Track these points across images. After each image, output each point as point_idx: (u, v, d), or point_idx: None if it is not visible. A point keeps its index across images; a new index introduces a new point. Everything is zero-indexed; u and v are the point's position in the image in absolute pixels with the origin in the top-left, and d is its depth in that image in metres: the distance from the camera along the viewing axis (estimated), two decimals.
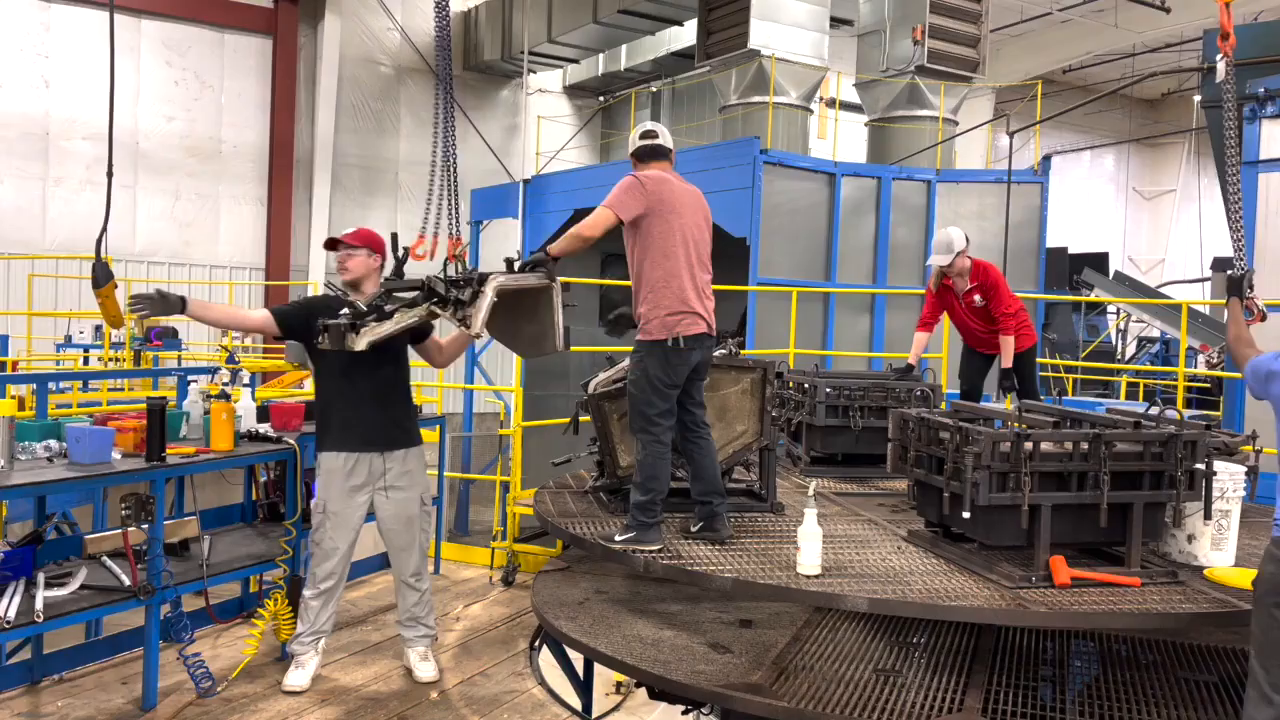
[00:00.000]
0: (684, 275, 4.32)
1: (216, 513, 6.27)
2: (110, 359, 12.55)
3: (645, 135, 4.54)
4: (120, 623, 5.56)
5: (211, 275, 17.36)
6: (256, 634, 5.28)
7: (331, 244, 5.17)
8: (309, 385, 11.79)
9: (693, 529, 4.45)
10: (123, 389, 11.40)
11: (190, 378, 6.69)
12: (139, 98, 16.76)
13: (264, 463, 6.03)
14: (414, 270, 4.89)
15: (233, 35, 17.54)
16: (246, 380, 6.07)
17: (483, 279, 4.31)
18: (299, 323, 4.95)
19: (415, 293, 4.48)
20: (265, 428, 5.68)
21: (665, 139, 4.56)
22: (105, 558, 4.93)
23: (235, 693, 5.03)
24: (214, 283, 17.16)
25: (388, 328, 4.55)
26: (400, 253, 4.84)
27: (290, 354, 8.91)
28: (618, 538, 4.27)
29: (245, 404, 5.68)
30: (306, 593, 5.12)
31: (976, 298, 6.61)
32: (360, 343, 4.44)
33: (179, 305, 4.61)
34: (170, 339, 13.26)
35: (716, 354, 4.88)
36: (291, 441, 5.52)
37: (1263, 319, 5.05)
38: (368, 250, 5.09)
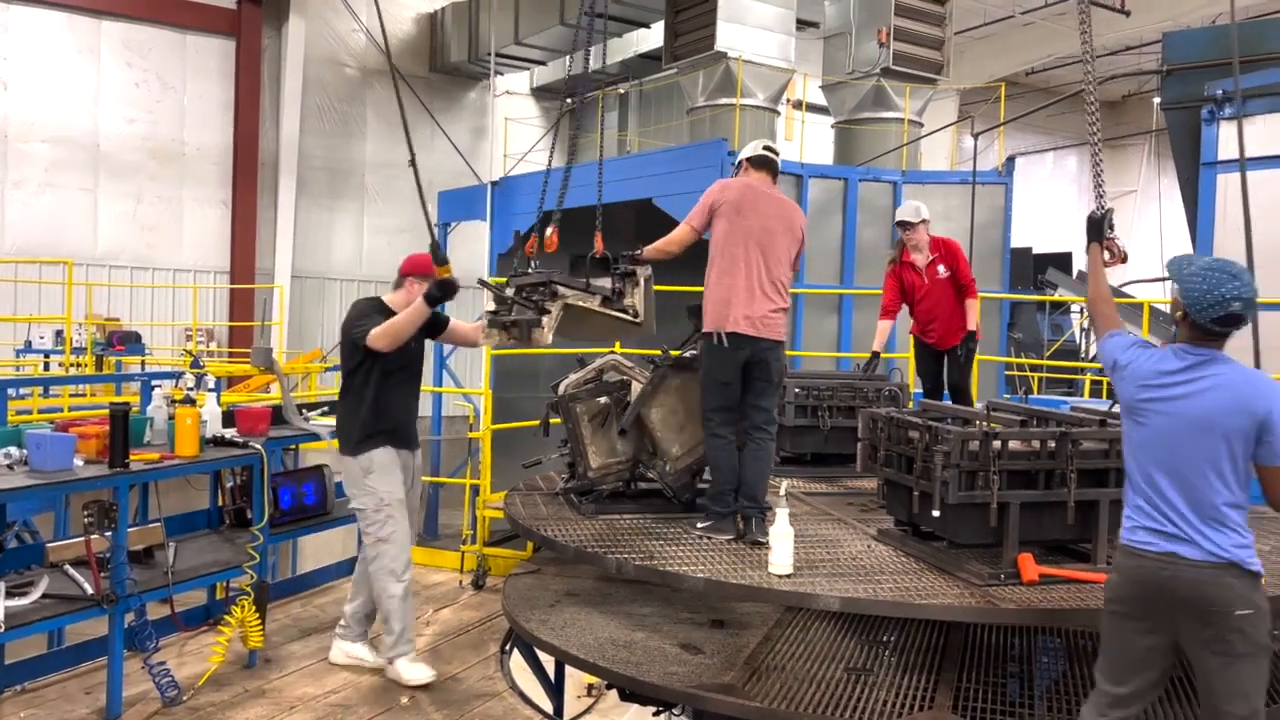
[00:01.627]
0: (739, 276, 4.42)
1: (182, 519, 6.18)
2: (72, 364, 12.36)
3: (770, 149, 4.76)
4: (83, 632, 5.47)
5: (175, 279, 17.14)
6: (223, 641, 5.21)
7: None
8: (274, 390, 11.69)
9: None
10: (85, 394, 11.24)
11: (154, 383, 6.61)
12: (99, 99, 16.53)
13: (230, 468, 5.96)
14: None
15: (195, 36, 17.35)
16: (212, 385, 6.00)
17: (632, 273, 4.78)
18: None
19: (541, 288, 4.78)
20: (231, 433, 5.61)
21: (776, 154, 4.75)
22: (68, 566, 4.84)
23: (202, 701, 4.97)
24: (177, 286, 16.95)
25: (557, 319, 4.80)
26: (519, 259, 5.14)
27: (256, 358, 8.82)
28: (699, 525, 4.47)
29: (211, 409, 5.61)
30: (395, 590, 5.03)
31: (941, 268, 6.59)
32: (549, 335, 4.74)
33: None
34: (133, 343, 13.09)
35: (687, 354, 4.89)
36: (258, 446, 5.46)
37: (1124, 260, 4.96)
38: None
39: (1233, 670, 2.99)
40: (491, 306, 4.83)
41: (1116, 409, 4.42)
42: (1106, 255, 3.96)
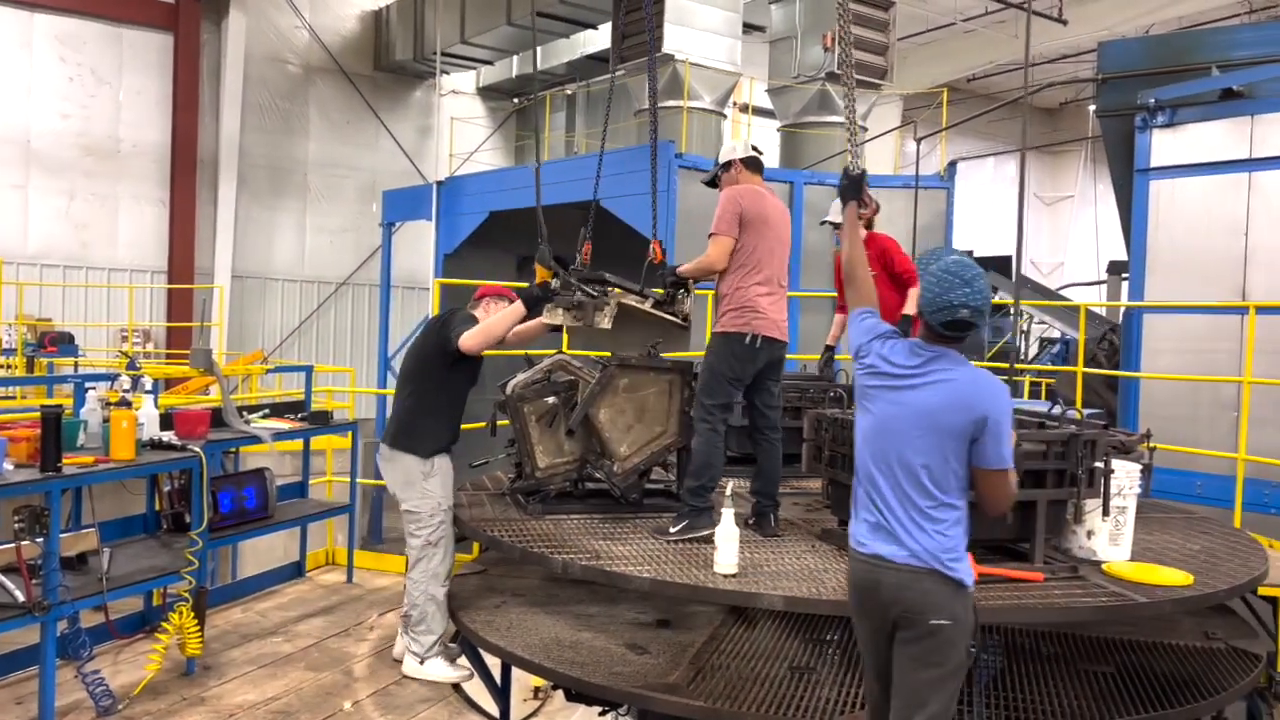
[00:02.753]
0: (764, 283, 4.54)
1: (117, 524, 6.04)
2: (1, 365, 12.03)
3: (755, 148, 4.87)
4: (14, 640, 5.31)
5: (110, 278, 16.74)
6: (160, 649, 5.11)
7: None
8: (214, 392, 11.47)
9: (747, 522, 4.56)
10: (15, 397, 10.93)
11: (88, 385, 6.45)
12: (31, 94, 16.09)
13: (168, 472, 5.84)
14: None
15: (131, 30, 16.96)
16: (149, 387, 5.88)
17: (684, 282, 4.99)
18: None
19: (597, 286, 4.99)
20: (169, 436, 5.51)
21: (747, 150, 4.85)
22: None
23: (138, 710, 4.87)
24: (113, 286, 16.57)
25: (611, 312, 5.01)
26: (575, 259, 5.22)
27: (195, 360, 8.66)
28: (671, 529, 4.42)
29: (148, 411, 5.50)
30: (439, 594, 4.90)
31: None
32: (606, 320, 4.94)
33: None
34: (66, 345, 12.77)
35: (634, 356, 4.91)
36: (197, 449, 5.36)
37: (876, 211, 5.01)
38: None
39: (919, 678, 2.94)
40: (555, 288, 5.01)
41: (1056, 410, 4.52)
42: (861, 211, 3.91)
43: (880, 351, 3.17)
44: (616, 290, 5.01)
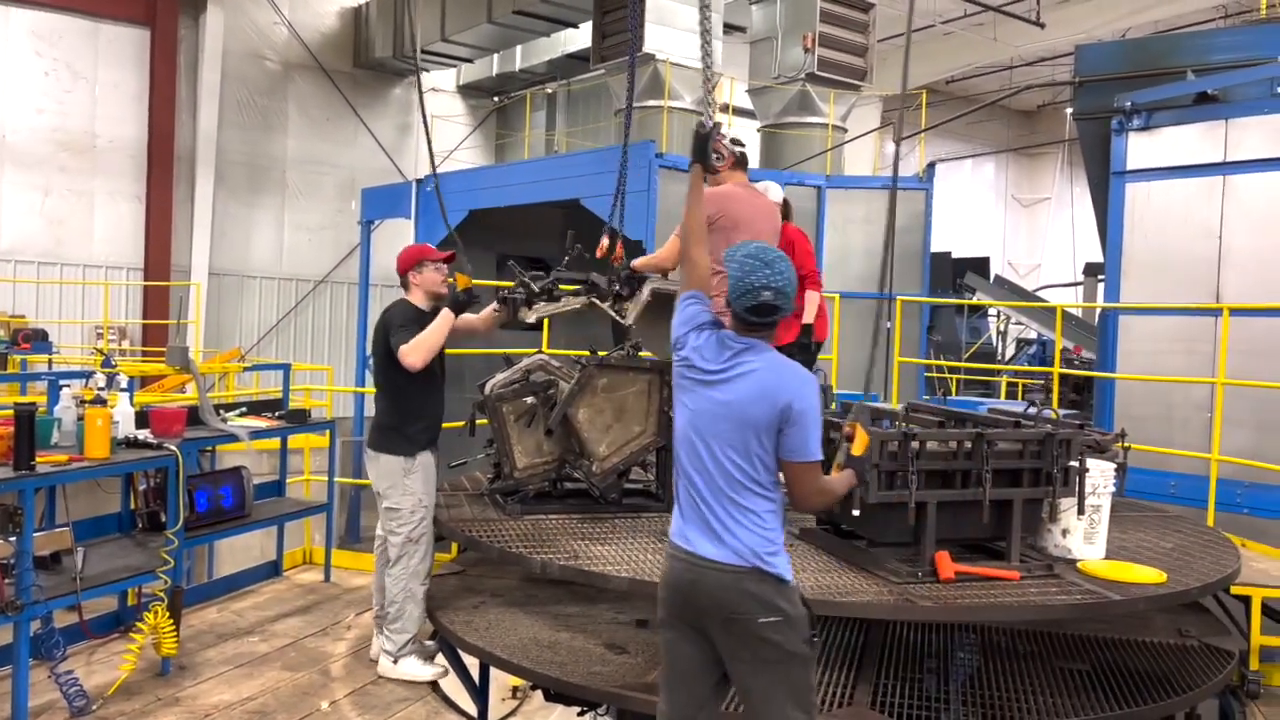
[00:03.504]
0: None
1: (91, 523, 5.99)
2: None
3: (738, 143, 4.87)
4: None
5: (85, 275, 16.58)
6: (135, 649, 5.07)
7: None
8: (190, 390, 11.38)
9: None
10: None
11: (62, 382, 6.39)
12: (5, 89, 15.91)
13: (143, 470, 5.79)
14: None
15: (108, 25, 16.80)
16: (124, 385, 5.82)
17: (640, 280, 4.98)
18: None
19: (579, 285, 5.07)
20: (145, 434, 5.46)
21: (744, 147, 4.88)
22: None
23: (112, 710, 4.82)
24: (88, 283, 16.41)
25: (553, 308, 5.06)
26: (574, 251, 5.22)
27: (171, 357, 8.59)
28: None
29: (123, 409, 5.45)
30: (419, 592, 4.97)
31: None
32: (531, 316, 5.02)
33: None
34: (39, 341, 12.64)
35: (614, 355, 4.91)
36: (173, 448, 5.32)
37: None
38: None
39: (765, 680, 2.88)
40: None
41: (1032, 410, 4.56)
42: (716, 159, 3.70)
43: (695, 344, 3.10)
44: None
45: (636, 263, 4.94)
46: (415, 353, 4.86)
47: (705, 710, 3.04)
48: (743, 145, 4.87)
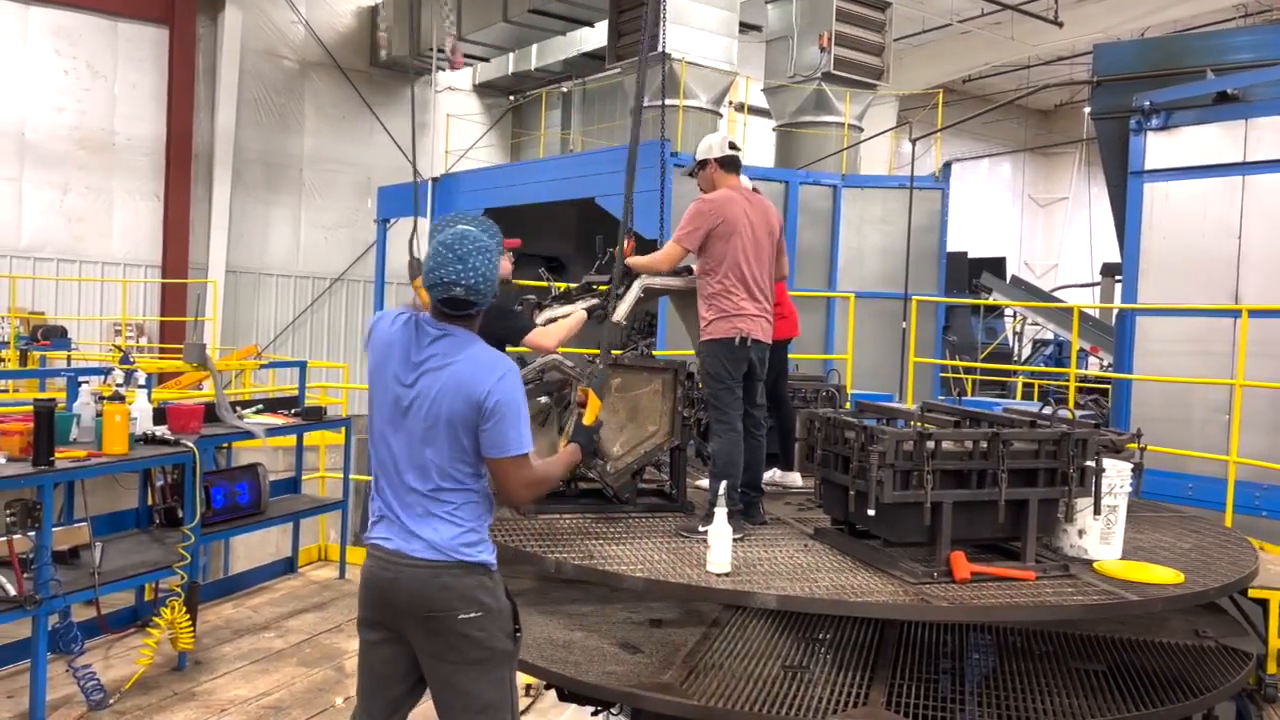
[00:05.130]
0: (740, 288, 4.58)
1: (109, 518, 6.04)
2: None
3: (734, 145, 4.82)
4: (5, 634, 5.31)
5: (104, 272, 16.70)
6: (151, 644, 5.10)
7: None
8: (207, 387, 11.45)
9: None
10: (8, 390, 10.90)
11: (81, 379, 6.44)
12: (26, 87, 16.04)
13: (160, 466, 5.83)
14: None
15: (126, 24, 16.92)
16: (142, 381, 5.86)
17: (633, 278, 4.95)
18: None
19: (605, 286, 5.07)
20: (162, 430, 5.50)
21: (739, 150, 4.85)
22: None
23: (129, 705, 4.86)
24: (106, 280, 16.52)
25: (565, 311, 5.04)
26: (604, 256, 5.28)
27: (189, 354, 8.64)
28: (700, 527, 4.35)
29: (141, 405, 5.49)
30: None
31: None
32: (541, 318, 4.98)
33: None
34: (59, 338, 12.73)
35: (628, 355, 4.91)
36: (190, 444, 5.35)
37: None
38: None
39: (468, 679, 2.77)
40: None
41: (1047, 410, 4.54)
42: None
43: (388, 330, 2.93)
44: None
45: (631, 261, 4.91)
46: (550, 337, 4.69)
47: (399, 715, 2.95)
48: (739, 148, 4.86)
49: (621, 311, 4.92)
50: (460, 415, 2.79)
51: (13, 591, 4.49)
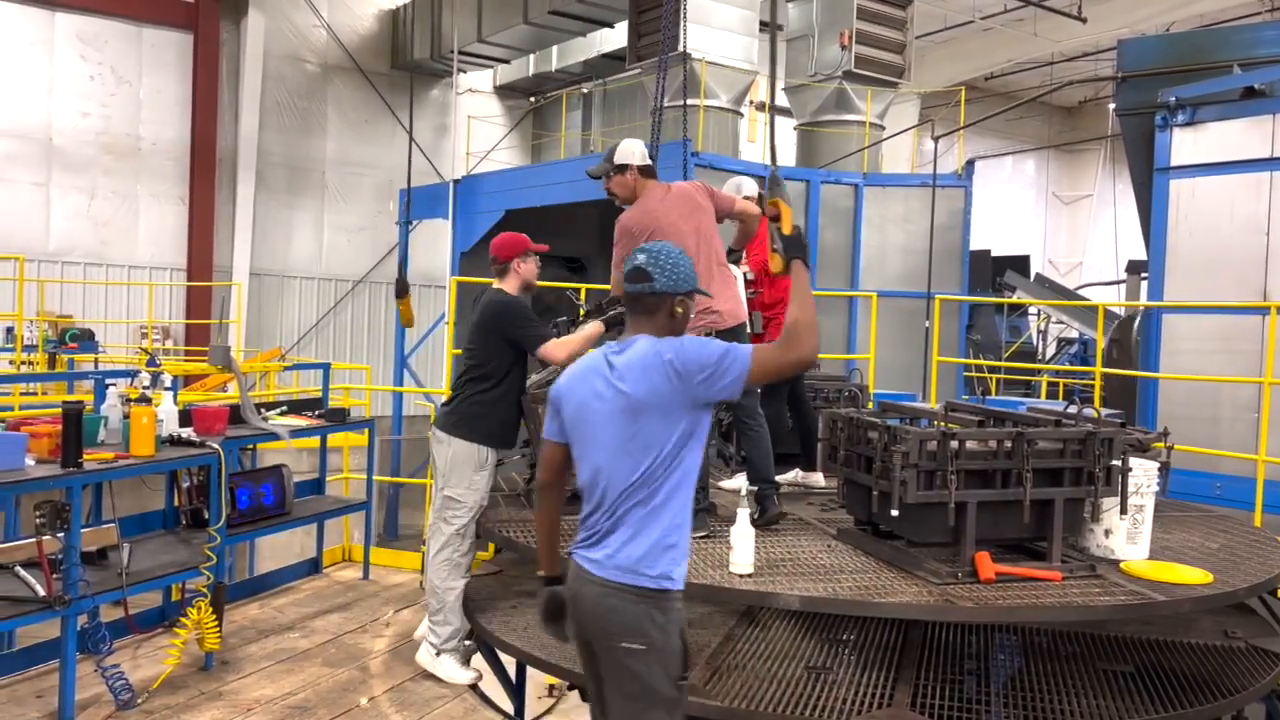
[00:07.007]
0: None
1: (136, 520, 6.09)
2: (23, 362, 12.13)
3: (648, 155, 4.94)
4: (35, 634, 5.37)
5: (130, 276, 16.86)
6: (179, 644, 5.14)
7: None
8: (232, 389, 11.54)
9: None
10: (36, 393, 11.03)
11: (108, 381, 6.50)
12: (52, 92, 16.23)
13: (186, 468, 5.88)
14: None
15: (151, 30, 17.08)
16: (168, 384, 5.92)
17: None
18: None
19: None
20: (188, 432, 5.54)
21: (644, 157, 4.89)
22: (18, 567, 4.75)
23: (156, 704, 4.90)
24: (132, 283, 16.68)
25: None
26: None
27: (214, 357, 8.70)
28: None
29: (167, 408, 5.53)
30: (458, 585, 4.96)
31: None
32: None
33: None
34: (86, 341, 12.87)
35: None
36: (215, 446, 5.39)
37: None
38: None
39: (622, 713, 2.65)
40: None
41: (1072, 409, 4.50)
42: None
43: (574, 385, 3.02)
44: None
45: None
46: (562, 350, 4.75)
47: None
48: (652, 160, 4.92)
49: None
50: (664, 391, 2.74)
51: (42, 592, 4.53)
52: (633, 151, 4.83)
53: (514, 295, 5.07)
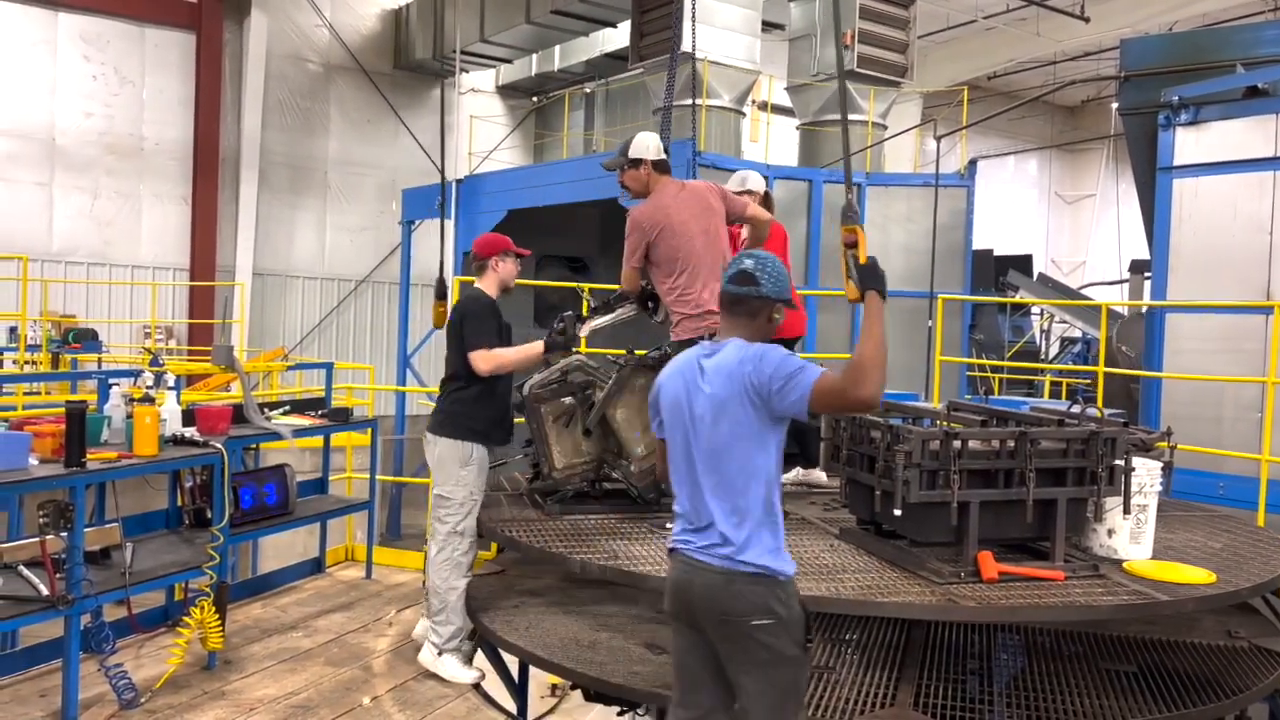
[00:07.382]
0: (696, 284, 4.62)
1: (140, 519, 6.09)
2: (26, 362, 12.15)
3: (663, 150, 4.90)
4: (38, 633, 5.37)
5: (133, 275, 16.89)
6: (182, 643, 5.15)
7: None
8: (235, 388, 11.56)
9: None
10: (40, 393, 11.05)
11: (111, 381, 6.51)
12: (55, 92, 16.26)
13: (189, 468, 5.88)
14: None
15: (154, 30, 17.11)
16: (171, 383, 5.91)
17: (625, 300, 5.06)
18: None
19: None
20: (191, 432, 5.54)
21: (659, 152, 4.85)
22: (21, 567, 4.75)
23: (160, 703, 4.90)
24: (135, 283, 16.70)
25: (607, 319, 5.15)
26: None
27: (217, 356, 8.71)
28: None
29: (170, 407, 5.54)
30: (459, 585, 4.96)
31: None
32: (585, 330, 5.06)
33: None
34: (89, 341, 12.89)
35: (651, 356, 4.91)
36: (219, 445, 5.39)
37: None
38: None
39: (758, 683, 2.84)
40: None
41: (1075, 409, 4.50)
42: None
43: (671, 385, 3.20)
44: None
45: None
46: (489, 362, 4.82)
47: (719, 716, 3.00)
48: (667, 155, 4.90)
49: (588, 329, 5.01)
50: (749, 390, 2.91)
51: (45, 591, 4.54)
52: (648, 146, 4.83)
53: (486, 295, 5.09)
